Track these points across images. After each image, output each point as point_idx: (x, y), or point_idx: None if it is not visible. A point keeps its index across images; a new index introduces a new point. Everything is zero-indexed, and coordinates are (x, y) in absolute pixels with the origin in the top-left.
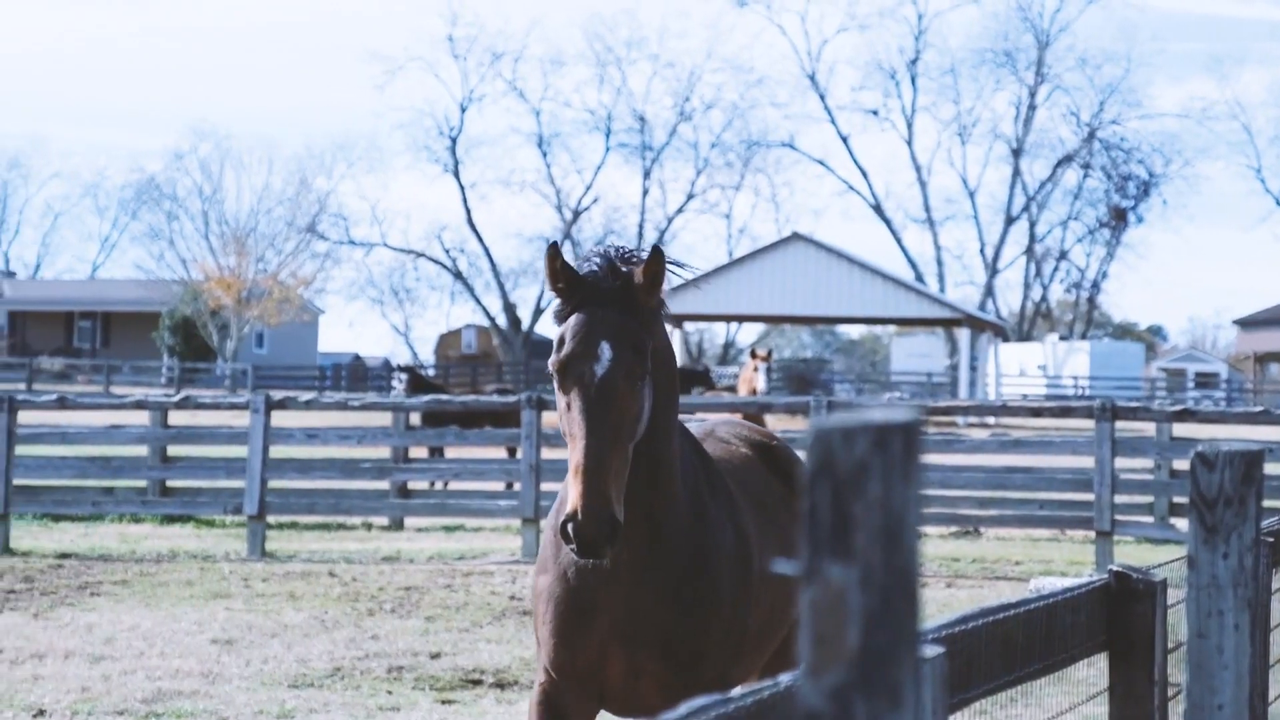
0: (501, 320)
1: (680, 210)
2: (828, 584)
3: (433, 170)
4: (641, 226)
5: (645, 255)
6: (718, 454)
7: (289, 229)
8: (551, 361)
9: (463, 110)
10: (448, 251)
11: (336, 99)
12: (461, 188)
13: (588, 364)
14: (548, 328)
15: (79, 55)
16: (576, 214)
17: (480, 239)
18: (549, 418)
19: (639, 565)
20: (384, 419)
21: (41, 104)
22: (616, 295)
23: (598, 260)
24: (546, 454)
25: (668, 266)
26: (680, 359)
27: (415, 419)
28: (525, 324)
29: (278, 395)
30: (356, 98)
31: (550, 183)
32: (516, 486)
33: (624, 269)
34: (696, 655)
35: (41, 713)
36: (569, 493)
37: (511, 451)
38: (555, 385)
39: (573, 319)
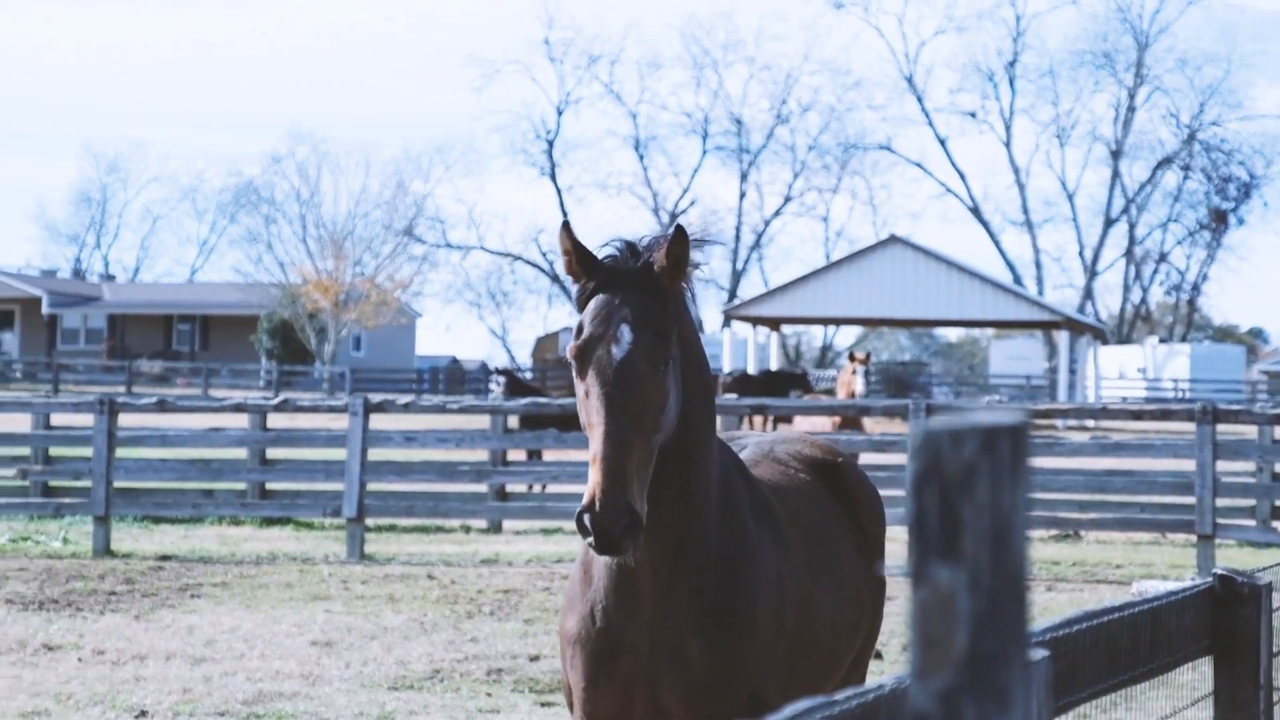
0: None
1: (777, 213)
2: (936, 587)
3: (529, 173)
4: (739, 229)
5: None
6: (772, 478)
7: (386, 232)
8: (569, 347)
9: (559, 113)
10: (545, 254)
11: (434, 103)
12: (558, 190)
13: (606, 347)
14: None
15: (178, 61)
16: (673, 217)
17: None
18: None
19: (664, 594)
20: (482, 422)
21: (141, 109)
22: (637, 278)
23: (617, 245)
24: None
25: (692, 248)
26: (777, 362)
27: (513, 422)
28: None
29: (376, 398)
30: (454, 101)
31: (647, 185)
32: None
33: (645, 253)
34: (722, 695)
35: (144, 713)
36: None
37: None
38: (574, 373)
39: (591, 303)
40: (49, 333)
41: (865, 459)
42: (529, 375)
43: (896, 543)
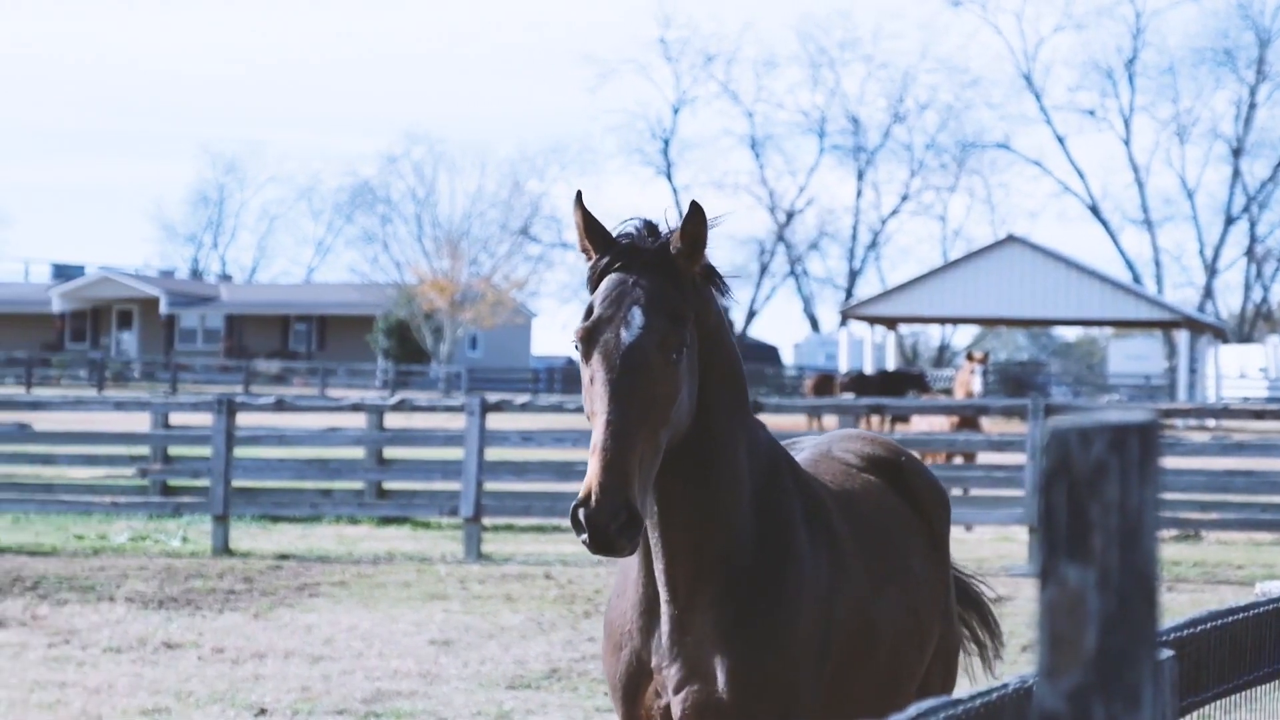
0: None
1: (894, 212)
2: (1065, 585)
3: (645, 173)
4: (855, 229)
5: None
6: (833, 479)
7: (502, 232)
8: (576, 329)
9: (675, 112)
10: None
11: (549, 102)
12: (674, 190)
13: (615, 331)
14: (762, 331)
15: (295, 62)
16: (790, 216)
17: None
18: (765, 420)
19: (685, 607)
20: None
21: (258, 110)
22: (654, 258)
23: (635, 223)
24: None
25: (709, 227)
26: (894, 362)
27: None
28: (739, 327)
29: (493, 398)
30: (569, 101)
31: (763, 185)
32: None
33: (664, 232)
34: (745, 716)
35: (263, 711)
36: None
37: None
38: (580, 356)
39: (604, 282)
40: (167, 332)
41: (983, 458)
42: None
43: (1015, 543)
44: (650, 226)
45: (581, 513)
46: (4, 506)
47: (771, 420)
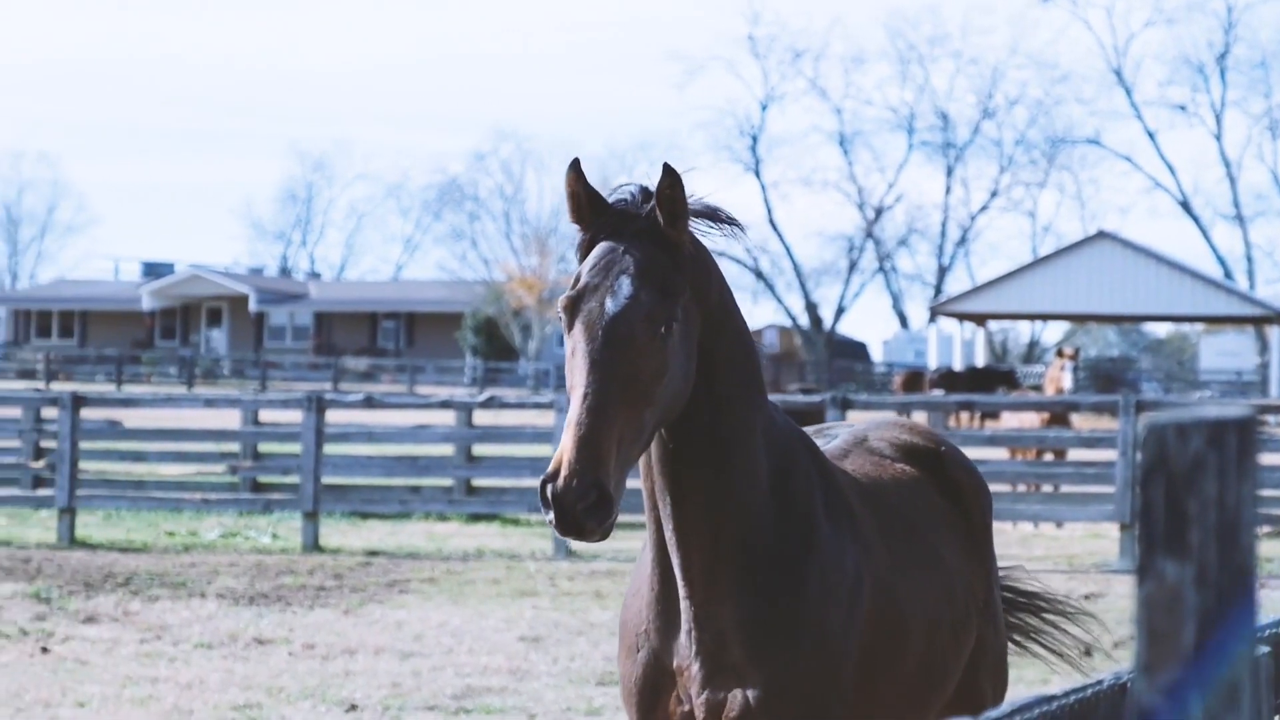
0: (803, 319)
1: (984, 208)
2: (1163, 581)
3: (734, 169)
4: (944, 225)
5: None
6: (863, 469)
7: None
8: (560, 299)
9: (763, 109)
10: (749, 250)
11: (636, 99)
12: (763, 187)
13: (600, 300)
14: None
15: (383, 60)
16: (879, 212)
17: (782, 238)
18: (854, 417)
19: (702, 602)
20: None
21: (346, 108)
22: (648, 226)
23: (630, 189)
24: None
25: (685, 189)
26: (984, 358)
27: None
28: (828, 323)
29: None
30: (657, 98)
31: (852, 181)
32: None
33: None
34: (770, 714)
35: (354, 707)
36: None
37: None
38: (563, 328)
39: (594, 251)
40: (256, 330)
41: (1074, 455)
42: None
43: (1106, 539)
44: (646, 193)
45: (549, 489)
46: (96, 503)
47: (860, 417)
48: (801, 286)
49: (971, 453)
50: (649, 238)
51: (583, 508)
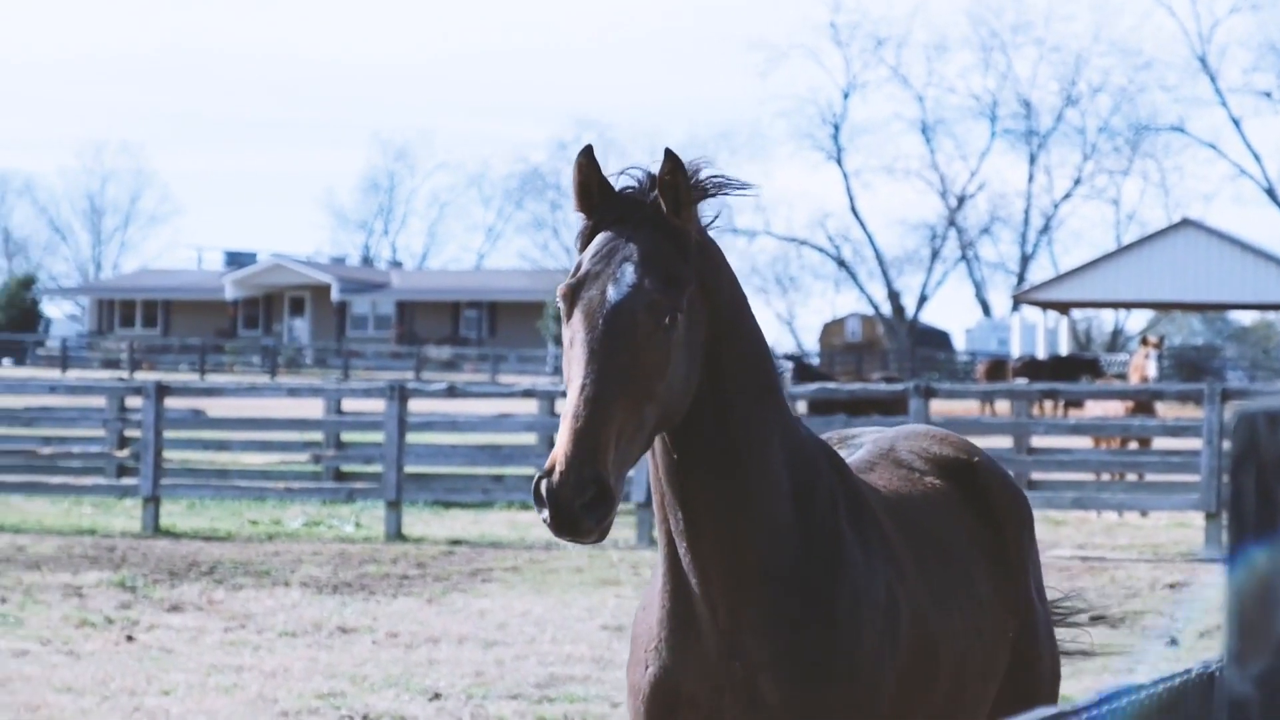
0: (886, 308)
1: (1067, 196)
2: (1253, 569)
3: (816, 158)
4: (1027, 213)
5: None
6: (889, 483)
7: None
8: (559, 287)
9: (845, 97)
10: (831, 239)
11: (718, 88)
12: (845, 175)
13: (600, 288)
14: (934, 316)
15: (465, 50)
16: (961, 201)
17: (864, 226)
18: (937, 406)
19: (728, 628)
20: None
21: (428, 97)
22: (654, 213)
23: (637, 175)
24: None
25: (688, 174)
26: (1067, 346)
27: (802, 407)
28: (910, 312)
29: None
30: (738, 86)
31: (934, 169)
32: None
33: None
34: None
35: (437, 696)
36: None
37: None
38: (562, 316)
39: (596, 239)
40: (339, 319)
41: (1159, 444)
42: (816, 361)
43: (1191, 528)
44: (653, 179)
45: (544, 486)
46: (180, 492)
47: (943, 406)
48: (884, 275)
49: (1055, 441)
50: (654, 225)
51: (580, 504)
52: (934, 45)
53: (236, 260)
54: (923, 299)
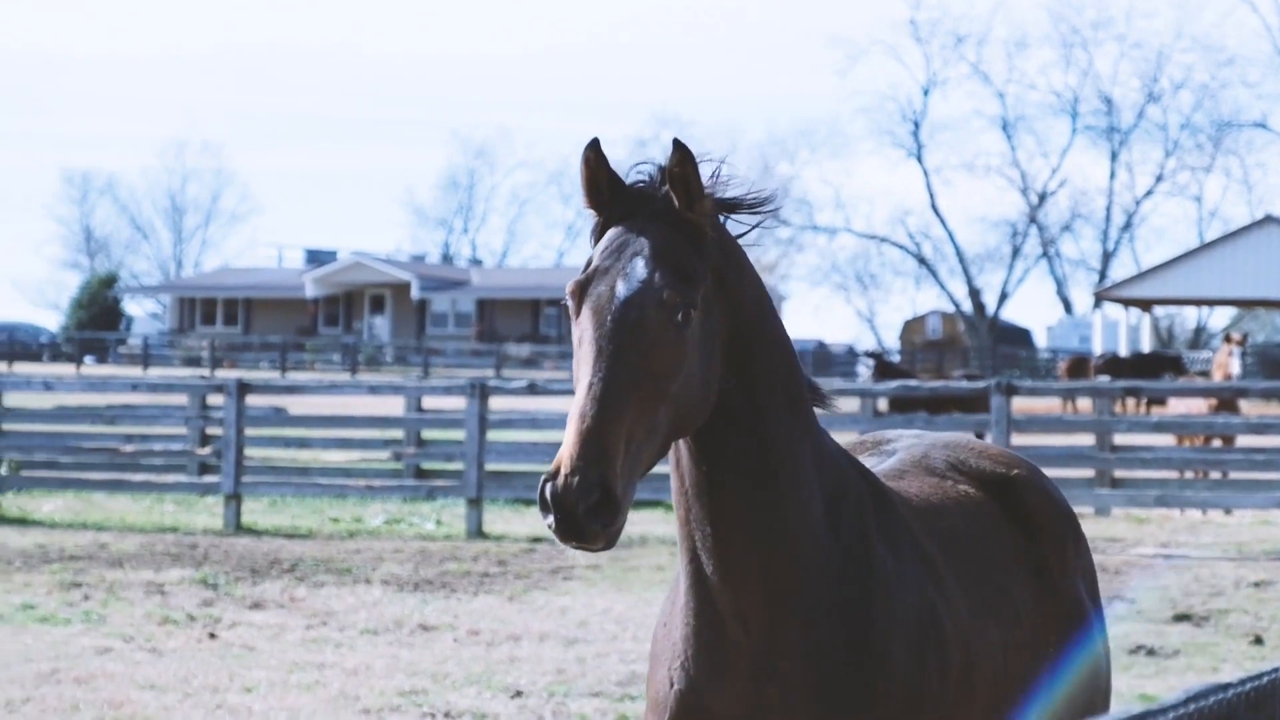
0: (966, 305)
1: (1149, 193)
2: None
3: (896, 155)
4: (1109, 210)
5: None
6: (920, 491)
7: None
8: (568, 284)
9: (925, 94)
10: (912, 236)
11: (797, 85)
12: (925, 172)
13: (609, 284)
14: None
15: (544, 48)
16: (1042, 198)
17: (944, 224)
18: (1019, 403)
19: (765, 651)
20: (851, 405)
21: (507, 95)
22: (666, 207)
23: (648, 169)
24: (1016, 439)
25: (698, 166)
26: (1149, 344)
27: (882, 405)
28: (991, 309)
29: None
30: (818, 83)
31: (1015, 166)
32: None
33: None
34: None
35: (519, 693)
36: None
37: (979, 437)
38: (571, 313)
39: (607, 234)
40: (418, 317)
41: (1242, 441)
42: (897, 358)
43: (1275, 526)
44: (664, 172)
45: (548, 489)
46: (261, 490)
47: (1025, 403)
48: (965, 272)
49: (1138, 439)
50: (665, 219)
51: (584, 509)
52: (1014, 42)
53: (317, 258)
54: (1004, 296)
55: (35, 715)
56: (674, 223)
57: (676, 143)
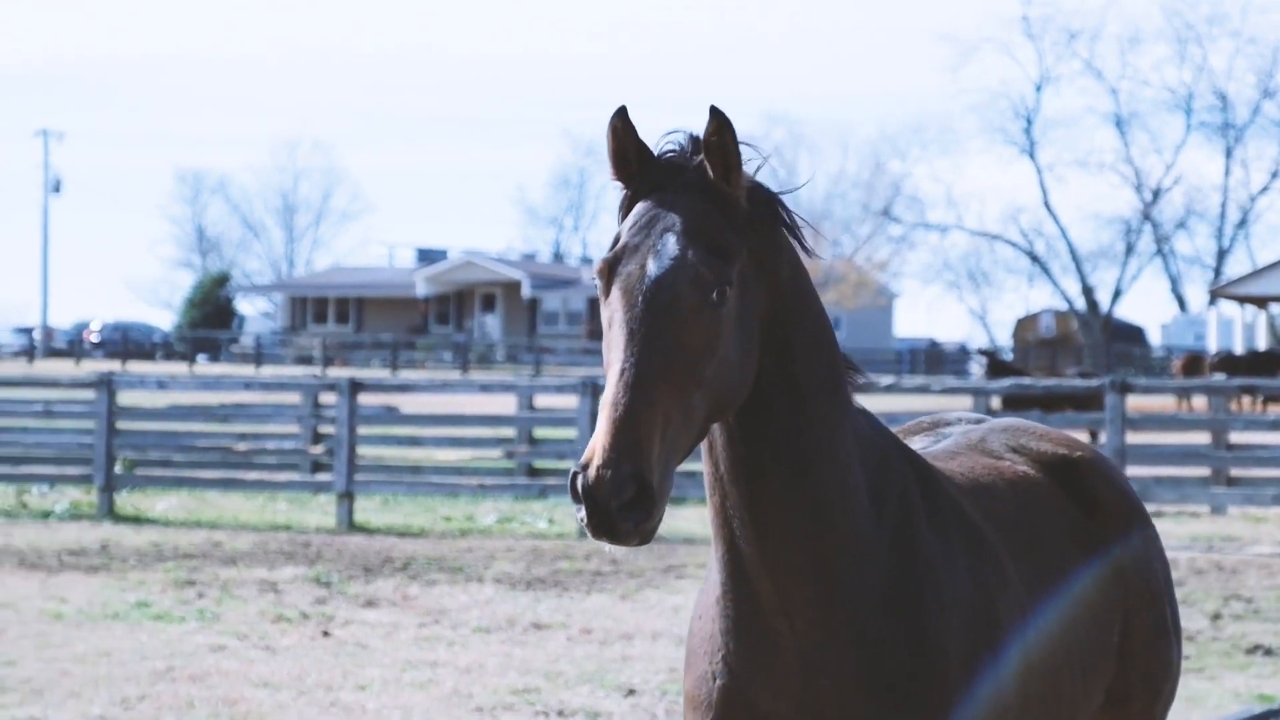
0: (1080, 303)
1: (1264, 190)
2: None
3: (1008, 152)
4: (1224, 207)
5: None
6: (975, 472)
7: (864, 213)
8: (596, 263)
9: (1038, 90)
10: (1024, 234)
11: (908, 81)
12: (1038, 169)
13: (639, 262)
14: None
15: (654, 46)
16: (1156, 195)
17: (1057, 221)
18: (1133, 401)
19: (813, 647)
20: (964, 403)
21: (618, 93)
22: (698, 179)
23: (678, 139)
24: (1131, 438)
25: (736, 134)
26: (1265, 342)
27: (996, 403)
28: (1104, 307)
29: (857, 380)
30: (929, 80)
31: (1129, 163)
32: None
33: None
34: None
35: (632, 691)
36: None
37: (1093, 435)
38: (599, 294)
39: (635, 208)
40: (529, 315)
41: None
42: (1009, 356)
43: None
44: (697, 143)
45: (579, 481)
46: (373, 488)
47: (1140, 402)
48: (1078, 270)
49: (1254, 437)
50: (699, 192)
51: (618, 504)
52: (1127, 38)
53: (428, 257)
54: (1117, 293)
55: (151, 712)
56: (707, 195)
57: (714, 109)
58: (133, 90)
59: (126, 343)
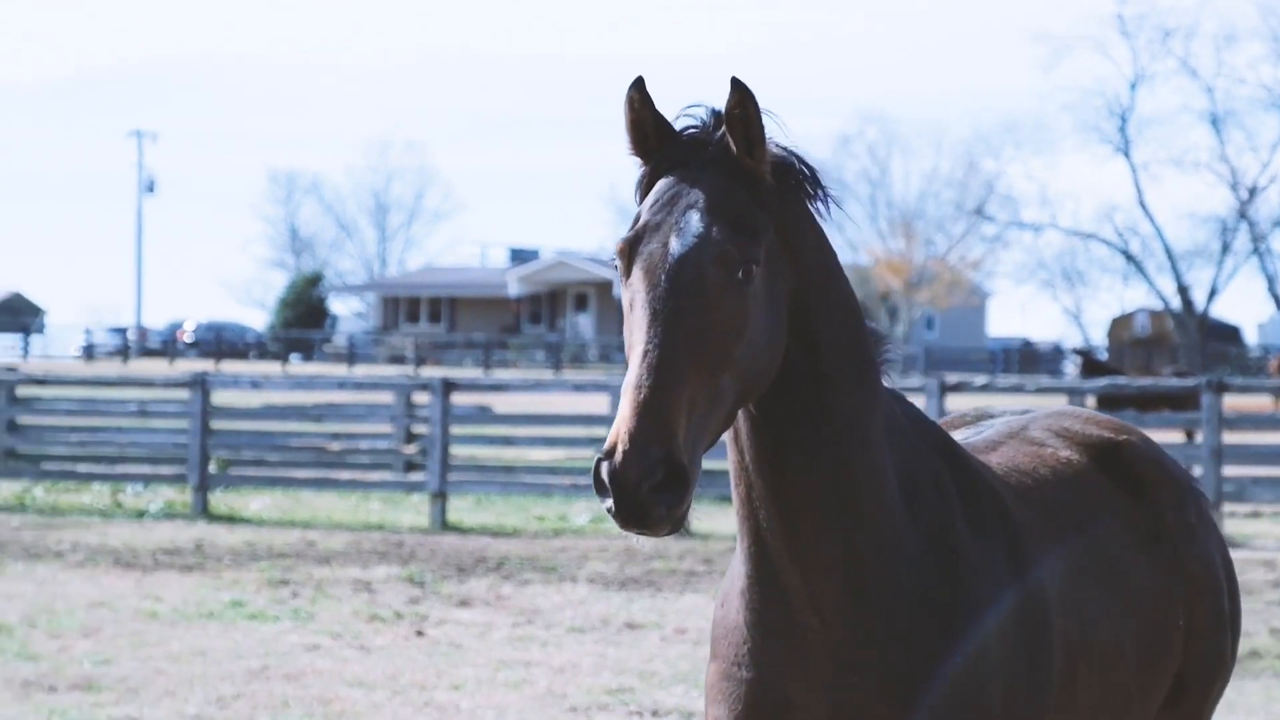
0: (1175, 303)
1: None
2: None
3: (1102, 151)
4: None
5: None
6: (1016, 461)
7: (957, 212)
8: (616, 242)
9: (1133, 89)
10: (1119, 233)
11: (1002, 81)
12: (1133, 168)
13: (662, 240)
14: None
15: (746, 44)
16: (1252, 193)
17: (1152, 220)
18: (1229, 401)
19: (843, 643)
20: (1058, 402)
21: (707, 92)
22: (721, 154)
23: (699, 114)
24: (1227, 437)
25: (759, 107)
26: None
27: (1090, 402)
28: (1199, 306)
29: (951, 379)
30: (1022, 79)
31: (1224, 162)
32: (1196, 471)
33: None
34: None
35: None
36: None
37: (1189, 435)
38: (619, 275)
39: (657, 185)
40: (622, 315)
41: None
42: (1104, 355)
43: None
44: (719, 117)
45: (604, 469)
46: (466, 488)
47: (1236, 401)
48: (1173, 269)
49: None
50: (721, 167)
51: (649, 487)
52: (1223, 36)
53: (520, 257)
54: (1213, 293)
55: (246, 711)
56: (730, 171)
57: (735, 81)
58: (226, 91)
59: (220, 343)
